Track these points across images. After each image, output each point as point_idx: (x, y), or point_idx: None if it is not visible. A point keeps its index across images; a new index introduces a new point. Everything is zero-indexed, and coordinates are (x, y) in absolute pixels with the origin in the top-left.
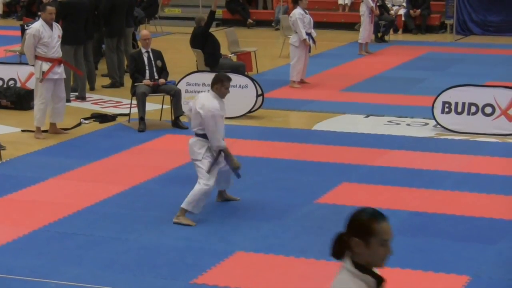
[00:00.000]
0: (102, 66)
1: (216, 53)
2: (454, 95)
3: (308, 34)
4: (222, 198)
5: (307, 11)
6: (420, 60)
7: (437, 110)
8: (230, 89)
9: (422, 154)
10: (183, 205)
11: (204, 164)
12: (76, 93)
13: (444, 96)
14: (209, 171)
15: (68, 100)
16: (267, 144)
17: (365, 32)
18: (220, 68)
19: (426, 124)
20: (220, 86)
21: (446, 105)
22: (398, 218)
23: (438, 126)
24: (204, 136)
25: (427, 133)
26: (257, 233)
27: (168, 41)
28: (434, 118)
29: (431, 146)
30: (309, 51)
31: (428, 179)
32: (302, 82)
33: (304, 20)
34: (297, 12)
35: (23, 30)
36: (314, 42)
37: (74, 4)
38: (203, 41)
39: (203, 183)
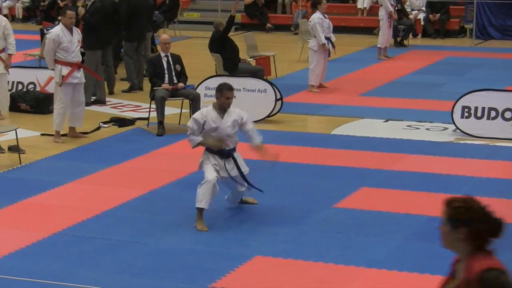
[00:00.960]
0: (121, 71)
1: (235, 57)
2: (474, 100)
3: (327, 39)
4: (241, 200)
5: (326, 15)
6: (439, 65)
7: (457, 115)
8: (249, 93)
9: (441, 159)
10: (196, 205)
11: (204, 167)
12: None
13: (464, 101)
14: (207, 170)
15: (88, 104)
16: (285, 148)
17: (384, 36)
18: (239, 73)
19: (446, 128)
20: (219, 96)
21: (466, 110)
22: (416, 223)
23: (458, 130)
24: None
25: (447, 138)
26: (275, 238)
27: (186, 45)
28: (454, 123)
29: (450, 151)
30: (328, 56)
31: (447, 184)
32: (320, 86)
33: (323, 25)
34: (316, 16)
35: (42, 34)
36: (333, 46)
37: (99, 9)
38: (221, 46)
39: (203, 181)
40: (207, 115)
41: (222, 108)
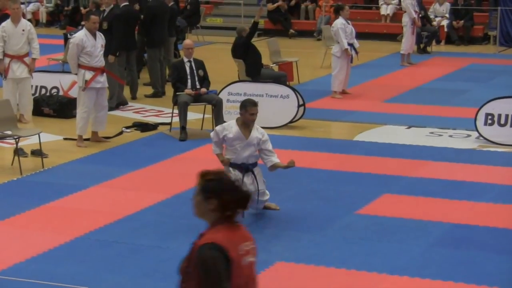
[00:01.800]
0: (144, 75)
1: (258, 63)
2: (497, 107)
3: (350, 45)
4: (264, 206)
5: (349, 21)
6: (463, 72)
7: (480, 122)
8: (272, 99)
9: (464, 166)
10: None
11: None
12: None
13: (487, 108)
14: None
15: (112, 108)
16: (308, 154)
17: (407, 43)
18: (261, 78)
19: (469, 136)
20: (244, 112)
21: (489, 117)
22: (440, 230)
23: (481, 138)
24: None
25: (470, 145)
26: (297, 244)
27: (209, 51)
28: (477, 130)
29: (473, 158)
30: (351, 62)
31: (470, 191)
32: (343, 92)
33: (346, 30)
34: (339, 22)
35: (66, 39)
36: (356, 52)
37: (118, 16)
38: (244, 52)
39: None
40: (229, 129)
41: (245, 124)
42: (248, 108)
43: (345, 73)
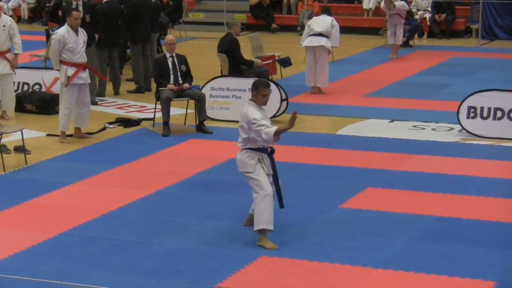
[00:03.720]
0: (127, 71)
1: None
2: (480, 100)
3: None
4: (251, 222)
5: None
6: (445, 65)
7: (462, 115)
8: None
9: (447, 159)
10: (258, 228)
11: (257, 174)
12: (103, 97)
13: (470, 101)
14: (263, 180)
15: (94, 103)
16: (291, 149)
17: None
18: (244, 73)
19: (451, 129)
20: (256, 94)
21: (472, 110)
22: (423, 224)
23: (463, 131)
24: (252, 148)
25: (452, 138)
26: (281, 238)
27: (192, 46)
28: (459, 123)
29: (456, 151)
30: None
31: (453, 185)
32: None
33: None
34: (334, 20)
35: (48, 35)
36: None
37: (108, 9)
38: (230, 48)
39: (262, 193)
40: (260, 112)
41: (259, 105)
42: (260, 89)
43: None
